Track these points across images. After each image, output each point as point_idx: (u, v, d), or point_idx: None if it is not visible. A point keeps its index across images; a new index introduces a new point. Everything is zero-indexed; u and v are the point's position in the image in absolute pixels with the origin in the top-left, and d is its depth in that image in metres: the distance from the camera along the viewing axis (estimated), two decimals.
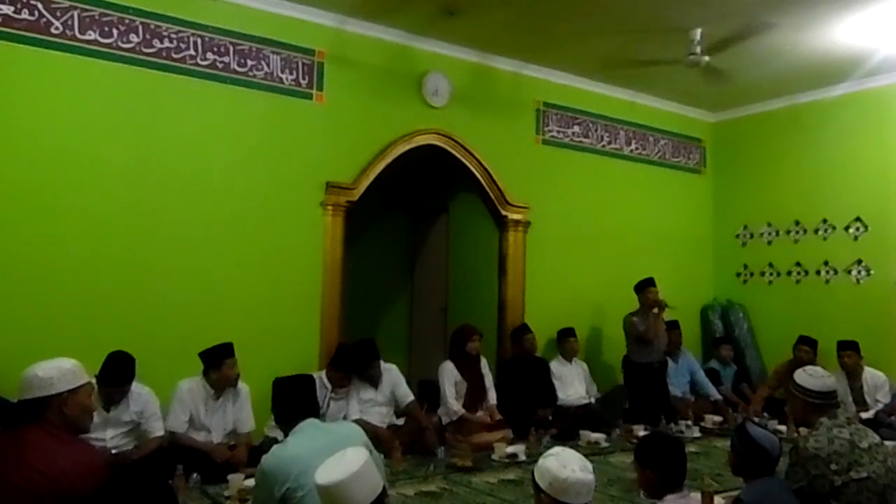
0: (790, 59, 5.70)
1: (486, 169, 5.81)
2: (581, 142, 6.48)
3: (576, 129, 6.45)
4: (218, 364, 4.05)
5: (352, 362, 4.58)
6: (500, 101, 5.95)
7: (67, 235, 4.13)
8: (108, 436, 3.72)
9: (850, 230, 6.34)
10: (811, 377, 2.82)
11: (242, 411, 4.20)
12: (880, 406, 5.30)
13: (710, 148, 7.48)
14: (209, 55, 4.61)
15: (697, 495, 2.52)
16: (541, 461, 2.21)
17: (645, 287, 5.73)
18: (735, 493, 2.79)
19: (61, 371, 2.23)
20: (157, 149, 4.43)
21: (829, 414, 2.73)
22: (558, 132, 6.34)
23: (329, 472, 1.86)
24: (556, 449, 2.26)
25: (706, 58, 5.16)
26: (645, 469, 2.45)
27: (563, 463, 2.14)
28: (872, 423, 4.19)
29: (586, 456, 2.28)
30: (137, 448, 3.79)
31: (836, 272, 6.42)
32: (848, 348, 5.50)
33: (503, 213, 5.94)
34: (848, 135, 6.37)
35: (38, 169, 4.06)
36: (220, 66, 4.65)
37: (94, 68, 4.22)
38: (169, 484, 2.26)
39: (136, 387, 3.82)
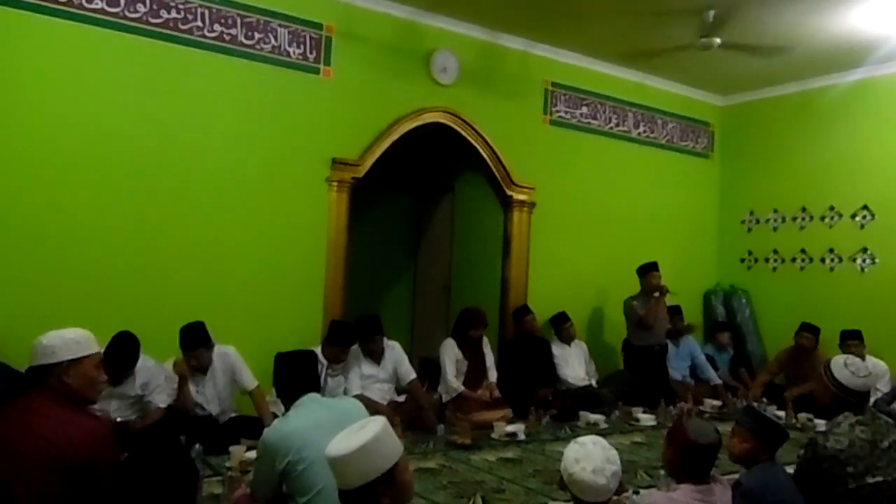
0: (802, 43, 5.63)
1: (492, 148, 5.78)
2: (589, 123, 6.44)
3: (584, 109, 6.41)
4: (183, 350, 3.98)
5: (347, 336, 4.59)
6: (508, 81, 5.90)
7: (72, 207, 4.13)
8: (112, 408, 3.76)
9: (857, 218, 6.31)
10: (853, 376, 2.66)
11: (237, 373, 4.14)
12: (880, 395, 5.31)
13: (719, 132, 7.43)
14: (216, 27, 4.58)
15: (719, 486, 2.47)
16: (571, 443, 2.14)
17: (648, 271, 5.73)
18: (733, 476, 2.80)
19: (64, 340, 2.23)
20: (162, 120, 4.42)
21: (856, 410, 2.64)
22: (566, 113, 6.29)
23: (337, 442, 1.83)
24: (589, 439, 2.14)
25: (718, 40, 5.10)
26: (670, 447, 2.40)
27: (580, 457, 2.06)
28: None
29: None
30: (141, 418, 3.83)
31: (840, 260, 6.41)
32: (853, 338, 5.49)
33: (508, 193, 5.92)
34: (858, 122, 6.31)
35: (43, 139, 4.06)
36: (227, 38, 4.62)
37: (100, 38, 4.20)
38: (190, 454, 2.28)
39: (141, 360, 3.83)
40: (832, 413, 2.71)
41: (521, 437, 4.54)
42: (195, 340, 3.96)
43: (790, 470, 2.71)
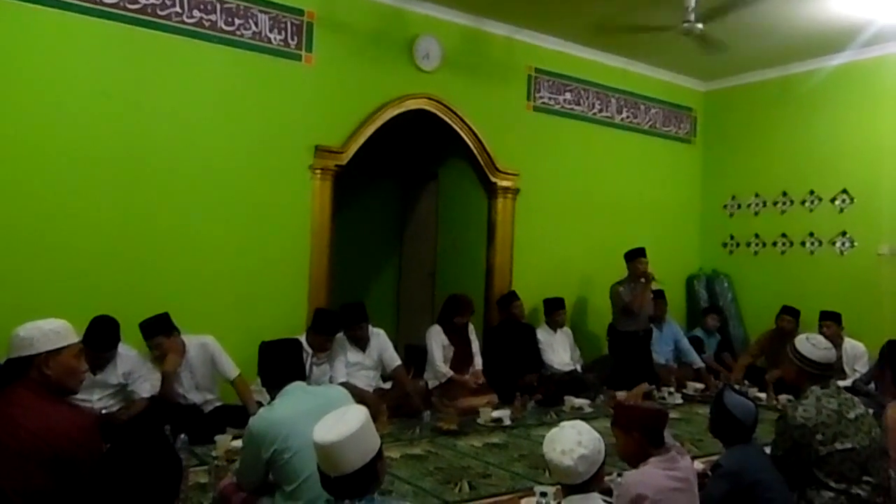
0: (784, 28, 5.66)
1: (476, 135, 5.77)
2: (572, 109, 6.44)
3: (567, 95, 6.41)
4: (144, 339, 3.95)
5: (332, 324, 4.59)
6: (491, 67, 5.88)
7: (51, 196, 4.08)
8: (94, 397, 3.74)
9: (836, 202, 6.38)
10: (814, 347, 2.80)
11: (217, 362, 4.11)
12: (858, 375, 5.41)
13: (701, 117, 7.47)
14: (195, 13, 4.51)
15: (684, 451, 2.54)
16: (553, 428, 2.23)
17: (635, 257, 5.74)
18: (714, 457, 2.85)
19: (42, 331, 2.21)
20: (141, 109, 4.36)
21: (822, 383, 2.76)
22: (550, 99, 6.29)
23: (327, 431, 1.87)
24: (571, 423, 2.21)
25: (700, 25, 5.11)
26: (628, 432, 2.44)
27: (554, 437, 2.14)
28: (850, 392, 4.28)
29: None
30: (125, 408, 3.81)
31: (820, 243, 6.49)
32: (828, 319, 5.58)
33: (492, 179, 5.92)
34: (838, 107, 6.37)
35: (20, 127, 3.99)
36: (206, 24, 4.56)
37: (76, 24, 4.13)
38: (174, 445, 2.27)
39: (123, 349, 3.82)
40: (800, 389, 2.82)
41: (507, 422, 4.57)
42: (152, 329, 3.93)
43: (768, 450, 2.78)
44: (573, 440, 2.11)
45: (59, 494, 2.05)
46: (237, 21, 4.67)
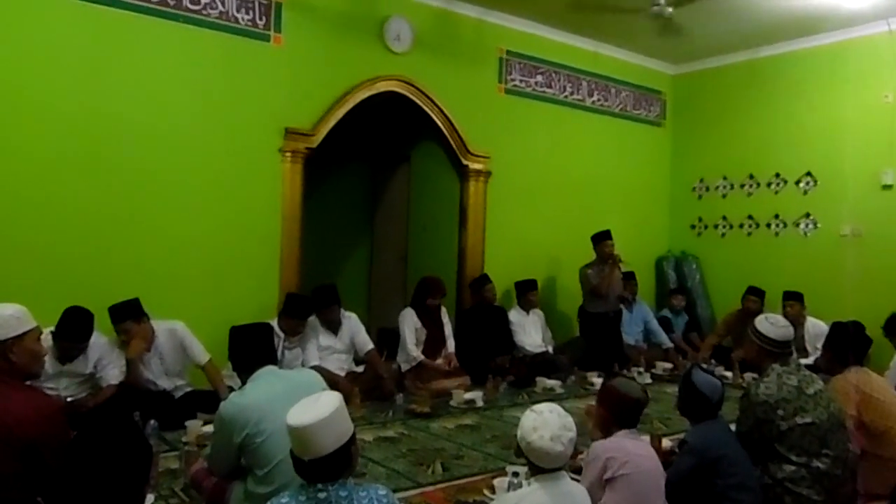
0: (752, 12, 5.71)
1: (447, 117, 5.75)
2: (544, 92, 6.45)
3: (539, 78, 6.41)
4: (112, 324, 3.89)
5: (303, 308, 4.57)
6: (462, 49, 5.86)
7: (16, 181, 3.98)
8: (62, 385, 3.68)
9: (801, 184, 6.51)
10: (773, 326, 2.90)
11: (187, 348, 4.06)
12: (819, 354, 5.54)
13: (671, 101, 7.53)
14: None
15: (647, 437, 2.63)
16: (527, 411, 2.16)
17: (601, 240, 5.81)
18: (682, 435, 2.92)
19: (3, 318, 2.18)
20: (107, 90, 4.26)
21: (781, 360, 2.85)
22: (521, 81, 6.29)
23: (301, 414, 1.87)
24: (546, 406, 2.15)
25: (670, 9, 5.14)
26: (599, 407, 2.56)
27: (537, 425, 2.07)
28: (811, 370, 4.39)
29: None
30: (92, 395, 3.76)
31: (785, 225, 6.62)
32: (791, 298, 5.71)
33: (464, 162, 5.92)
34: (803, 90, 6.47)
35: None
36: (171, 2, 4.46)
37: (38, 2, 4.00)
38: (143, 431, 2.25)
39: (93, 337, 3.74)
40: (761, 367, 2.91)
41: (480, 403, 4.61)
42: (122, 314, 3.88)
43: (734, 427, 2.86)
44: (558, 424, 2.07)
45: (27, 480, 2.02)
46: (203, 0, 4.57)
